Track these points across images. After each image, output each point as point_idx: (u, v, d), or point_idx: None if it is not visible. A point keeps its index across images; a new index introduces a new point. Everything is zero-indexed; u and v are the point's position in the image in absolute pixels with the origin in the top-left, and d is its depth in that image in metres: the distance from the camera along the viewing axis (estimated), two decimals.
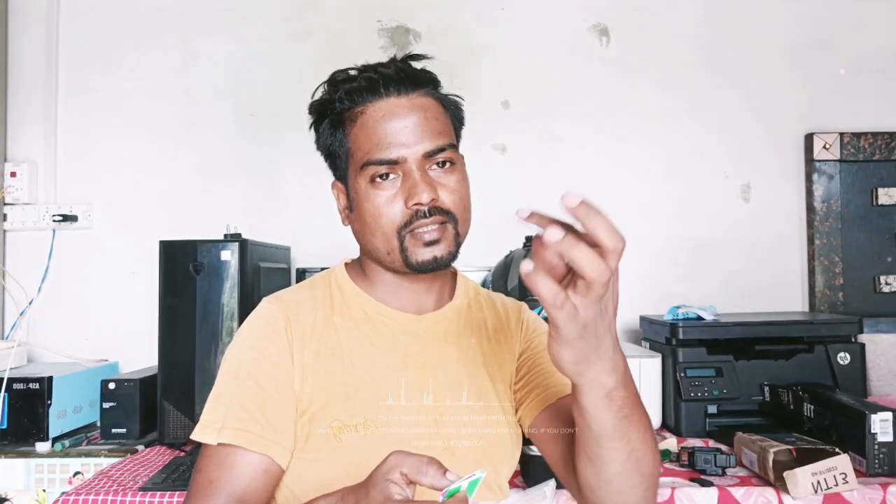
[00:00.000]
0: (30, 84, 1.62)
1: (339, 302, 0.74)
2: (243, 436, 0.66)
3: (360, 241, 0.74)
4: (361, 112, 0.70)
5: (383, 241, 0.70)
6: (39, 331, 1.57)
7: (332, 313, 0.73)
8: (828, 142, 1.61)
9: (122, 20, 1.64)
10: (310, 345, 0.70)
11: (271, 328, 0.70)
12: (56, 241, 1.59)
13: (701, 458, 1.04)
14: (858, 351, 1.30)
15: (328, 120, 0.72)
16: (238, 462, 0.65)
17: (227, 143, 1.63)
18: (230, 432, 0.66)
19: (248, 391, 0.67)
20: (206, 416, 0.68)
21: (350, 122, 0.71)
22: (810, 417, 1.14)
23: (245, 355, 0.69)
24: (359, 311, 0.73)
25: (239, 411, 0.67)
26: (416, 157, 0.69)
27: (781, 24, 1.65)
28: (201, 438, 0.67)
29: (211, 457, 0.66)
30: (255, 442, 0.66)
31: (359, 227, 0.72)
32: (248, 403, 0.67)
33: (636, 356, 1.31)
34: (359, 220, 0.72)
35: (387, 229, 0.69)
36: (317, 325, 0.71)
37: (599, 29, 1.66)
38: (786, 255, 1.64)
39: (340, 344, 0.71)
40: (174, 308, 1.21)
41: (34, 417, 1.23)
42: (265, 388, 0.68)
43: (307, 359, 0.69)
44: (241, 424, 0.66)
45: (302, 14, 1.65)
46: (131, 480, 1.06)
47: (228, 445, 0.66)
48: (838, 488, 0.94)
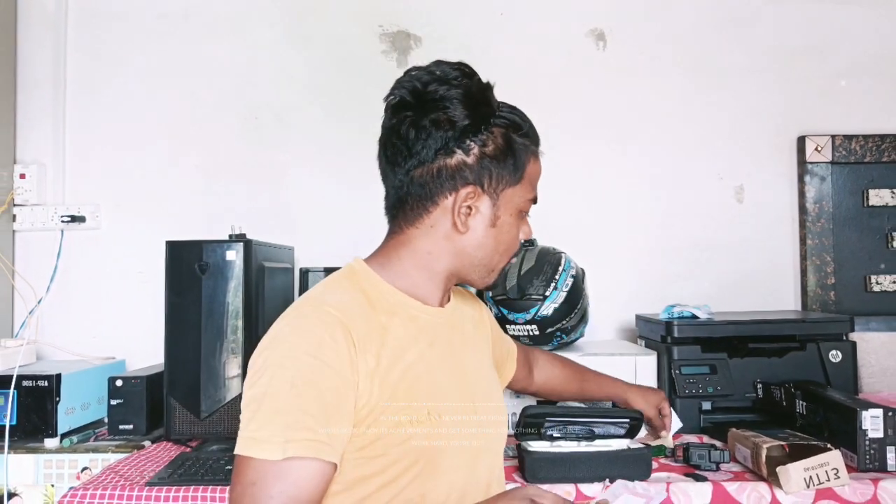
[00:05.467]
0: (38, 87, 1.63)
1: (380, 301, 0.73)
2: (314, 446, 0.63)
3: (471, 251, 0.76)
4: (536, 155, 0.79)
5: (496, 263, 0.78)
6: (48, 329, 1.58)
7: (376, 313, 0.72)
8: (819, 144, 1.62)
9: (128, 23, 1.65)
10: (368, 347, 0.68)
11: (329, 335, 0.67)
12: (64, 241, 1.60)
13: (696, 453, 1.05)
14: (850, 349, 1.30)
15: (522, 142, 0.76)
16: (304, 473, 0.62)
17: (232, 144, 1.64)
18: (299, 444, 0.62)
19: (310, 399, 0.64)
20: (261, 431, 0.63)
21: (533, 155, 0.78)
22: (802, 414, 1.15)
23: (301, 363, 0.65)
24: (400, 308, 0.74)
25: (305, 420, 0.63)
26: None
27: (773, 28, 1.66)
28: (260, 454, 0.62)
29: (270, 471, 0.62)
30: (325, 451, 0.63)
31: (489, 243, 0.76)
32: (314, 411, 0.64)
33: (632, 354, 1.32)
34: (497, 237, 0.76)
35: (510, 254, 0.78)
36: (371, 327, 0.70)
37: (596, 33, 1.67)
38: (778, 255, 1.64)
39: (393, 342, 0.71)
40: (180, 307, 1.21)
41: (43, 414, 1.24)
42: (327, 396, 0.65)
43: (369, 361, 0.68)
44: (311, 435, 0.63)
45: (304, 19, 1.66)
46: (138, 476, 1.07)
47: (297, 458, 0.62)
48: (830, 483, 0.95)
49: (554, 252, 1.36)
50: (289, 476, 0.62)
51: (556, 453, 1.01)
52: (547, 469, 1.00)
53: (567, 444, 1.02)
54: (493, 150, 0.73)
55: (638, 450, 1.02)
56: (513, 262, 1.34)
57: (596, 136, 1.66)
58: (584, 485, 0.99)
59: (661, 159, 1.66)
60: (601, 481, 0.99)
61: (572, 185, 1.63)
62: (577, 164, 1.64)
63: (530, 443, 1.03)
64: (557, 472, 0.99)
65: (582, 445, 1.02)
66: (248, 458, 0.62)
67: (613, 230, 1.68)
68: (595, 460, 1.00)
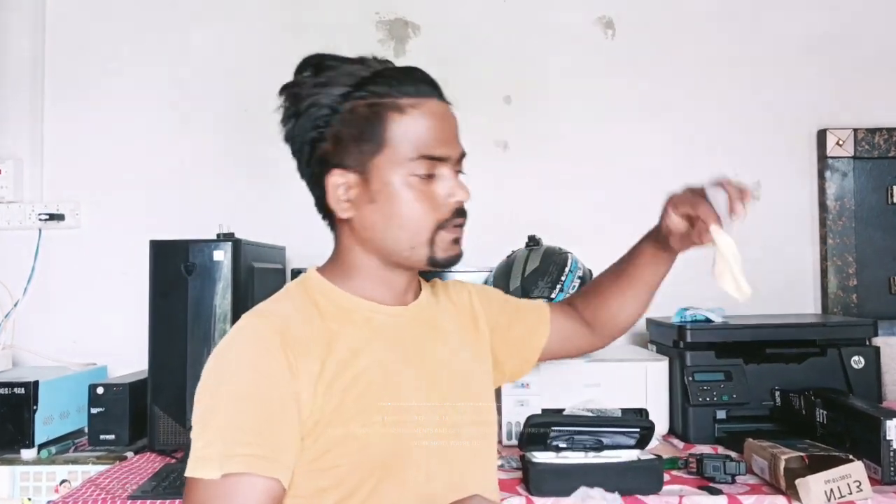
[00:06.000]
0: (15, 77, 1.61)
1: (329, 307, 0.73)
2: (252, 462, 0.62)
3: (368, 234, 0.72)
4: (415, 105, 0.70)
5: (412, 235, 0.71)
6: (25, 333, 1.56)
7: (325, 320, 0.71)
8: (841, 138, 1.60)
9: (111, 12, 1.63)
10: (311, 354, 0.68)
11: (266, 345, 0.67)
12: (42, 240, 1.58)
13: (710, 465, 1.03)
14: (873, 354, 1.28)
15: (365, 102, 0.70)
16: (246, 490, 0.62)
17: (220, 138, 1.62)
18: (238, 460, 0.62)
19: (250, 413, 0.64)
20: (203, 450, 0.63)
21: (396, 111, 0.70)
22: (823, 423, 1.13)
23: (239, 377, 0.66)
24: (353, 313, 0.73)
25: (242, 436, 0.63)
26: (455, 158, 0.73)
27: (793, 16, 1.64)
28: (201, 474, 0.62)
29: (212, 490, 0.62)
30: (264, 467, 0.63)
31: (378, 220, 0.71)
32: (253, 425, 0.64)
33: (642, 360, 1.30)
34: (381, 211, 0.71)
35: (423, 223, 0.71)
36: (314, 334, 0.69)
37: (604, 21, 1.65)
38: (797, 254, 1.63)
39: (342, 348, 0.70)
40: (165, 310, 1.19)
41: (19, 423, 1.21)
42: (269, 407, 0.65)
43: (313, 369, 0.67)
44: (248, 450, 0.63)
45: (297, 6, 1.64)
46: (120, 488, 1.04)
47: (235, 475, 0.62)
48: (852, 496, 0.92)
49: (560, 252, 1.33)
50: (228, 494, 0.62)
51: (562, 465, 0.99)
52: (552, 481, 0.98)
53: (574, 455, 1.01)
54: (343, 126, 0.71)
55: (648, 461, 1.00)
56: (516, 261, 1.30)
57: (604, 130, 1.64)
58: None
59: (673, 154, 1.64)
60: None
61: (578, 181, 1.63)
62: (584, 159, 1.63)
63: (535, 454, 1.01)
64: (563, 484, 0.97)
65: (589, 456, 1.01)
66: (195, 480, 0.63)
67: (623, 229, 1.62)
68: (603, 472, 0.98)
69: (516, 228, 1.42)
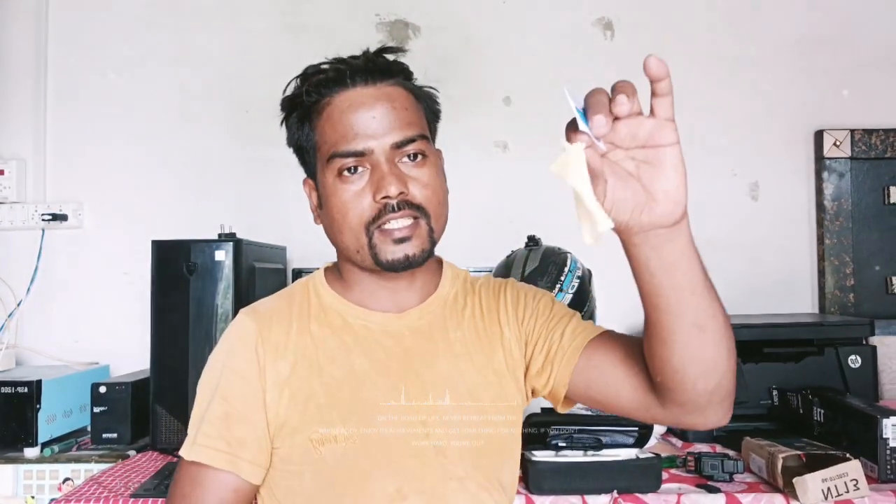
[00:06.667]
0: (18, 79, 1.60)
1: (317, 309, 0.72)
2: (209, 453, 0.67)
3: (331, 241, 0.73)
4: (328, 103, 0.68)
5: (352, 238, 0.68)
6: (28, 333, 1.55)
7: (309, 322, 0.71)
8: (838, 139, 1.60)
9: (113, 13, 1.62)
10: (284, 356, 0.69)
11: (241, 343, 0.70)
12: (45, 240, 1.57)
13: (708, 463, 1.03)
14: (870, 353, 1.28)
15: (296, 114, 0.71)
16: (207, 480, 0.67)
17: (222, 139, 1.62)
18: (199, 449, 0.67)
19: (216, 408, 0.68)
20: (189, 432, 0.70)
21: (316, 114, 0.69)
22: (820, 422, 1.13)
23: (216, 371, 0.70)
24: (336, 317, 0.72)
25: (207, 428, 0.68)
26: (383, 148, 0.66)
27: (790, 17, 1.64)
28: (181, 452, 0.69)
29: (185, 472, 0.68)
30: (219, 459, 0.67)
31: (328, 225, 0.71)
32: (215, 420, 0.68)
33: None
34: (328, 216, 0.70)
35: (354, 225, 0.67)
36: (291, 336, 0.70)
37: (604, 23, 1.64)
38: (795, 254, 1.63)
39: (317, 353, 0.69)
40: (167, 310, 1.19)
41: (22, 422, 1.21)
42: (233, 403, 0.68)
43: (281, 371, 0.68)
44: (208, 441, 0.67)
45: (298, 7, 1.63)
46: (123, 487, 1.04)
47: (198, 463, 0.67)
48: (849, 495, 0.93)
49: (559, 252, 1.32)
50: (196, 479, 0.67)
51: (562, 463, 0.99)
52: (551, 480, 0.98)
53: (573, 453, 1.01)
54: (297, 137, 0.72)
55: (647, 460, 1.00)
56: (516, 261, 1.30)
57: None
58: (591, 496, 0.97)
59: None
60: (608, 493, 0.97)
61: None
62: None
63: (534, 452, 1.01)
64: (562, 482, 0.98)
65: (588, 455, 1.01)
66: (180, 460, 0.70)
67: None
68: (602, 470, 0.98)
69: (516, 228, 1.41)
